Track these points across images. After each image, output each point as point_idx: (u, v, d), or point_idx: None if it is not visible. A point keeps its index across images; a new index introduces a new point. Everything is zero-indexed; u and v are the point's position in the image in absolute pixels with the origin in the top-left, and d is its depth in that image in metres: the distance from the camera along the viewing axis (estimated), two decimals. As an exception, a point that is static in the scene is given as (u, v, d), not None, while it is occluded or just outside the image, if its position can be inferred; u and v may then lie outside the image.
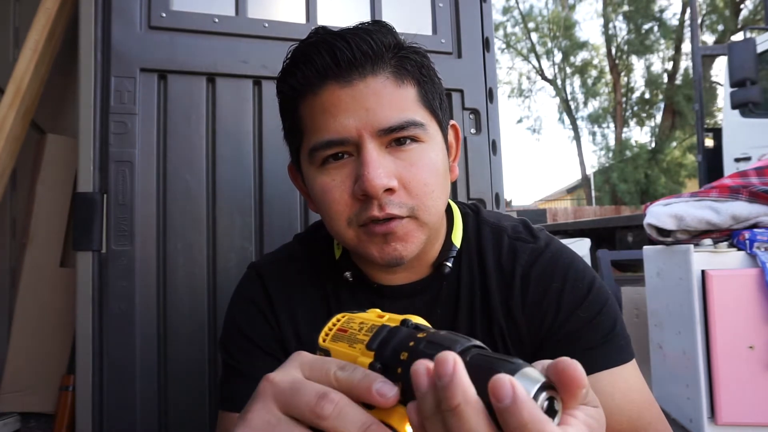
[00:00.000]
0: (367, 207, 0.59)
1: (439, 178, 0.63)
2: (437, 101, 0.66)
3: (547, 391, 0.29)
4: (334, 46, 0.59)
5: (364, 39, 0.59)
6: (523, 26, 19.48)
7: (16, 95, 1.18)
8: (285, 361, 0.39)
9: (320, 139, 0.60)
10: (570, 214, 13.45)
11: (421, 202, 0.60)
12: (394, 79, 0.61)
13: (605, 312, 0.65)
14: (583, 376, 0.31)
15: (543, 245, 0.70)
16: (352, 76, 0.59)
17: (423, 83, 0.64)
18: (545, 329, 0.66)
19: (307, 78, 0.61)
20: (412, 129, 0.60)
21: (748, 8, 14.07)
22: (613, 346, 0.64)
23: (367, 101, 0.59)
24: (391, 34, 0.63)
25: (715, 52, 6.23)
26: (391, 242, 0.61)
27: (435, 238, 0.69)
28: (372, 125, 0.58)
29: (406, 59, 0.62)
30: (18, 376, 1.28)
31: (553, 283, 0.66)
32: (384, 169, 0.58)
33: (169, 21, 1.09)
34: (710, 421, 1.66)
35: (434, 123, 0.64)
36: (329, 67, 0.59)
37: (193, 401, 1.05)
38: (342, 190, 0.60)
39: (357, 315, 0.42)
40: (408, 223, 0.60)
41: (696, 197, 1.88)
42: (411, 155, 0.61)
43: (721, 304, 1.64)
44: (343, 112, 0.59)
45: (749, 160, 3.97)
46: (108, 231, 1.02)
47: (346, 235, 0.62)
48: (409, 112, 0.60)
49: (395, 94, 0.60)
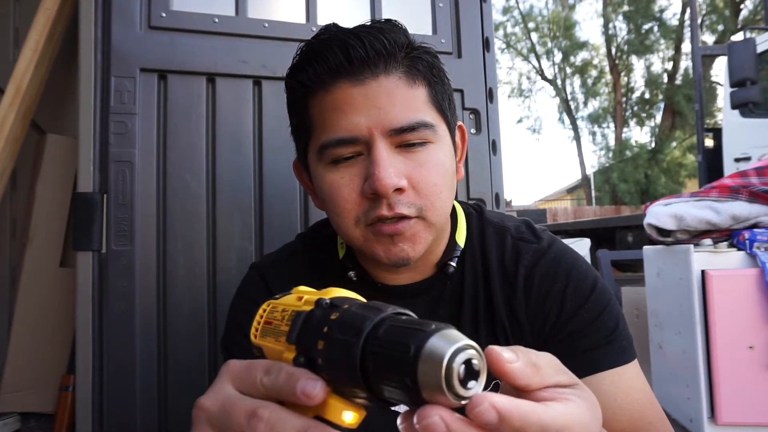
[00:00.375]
0: (376, 206, 0.59)
1: (448, 179, 0.63)
2: (446, 102, 0.66)
3: (465, 352, 0.27)
4: (348, 43, 0.58)
5: (377, 37, 0.59)
6: (523, 26, 19.49)
7: (16, 95, 1.18)
8: (217, 375, 0.38)
9: (331, 137, 0.60)
10: (570, 214, 13.45)
11: (429, 202, 0.61)
12: (407, 78, 0.61)
13: (608, 312, 0.65)
14: (500, 357, 0.31)
15: (546, 245, 0.70)
16: (365, 75, 0.59)
17: (434, 84, 0.64)
18: (548, 329, 0.66)
19: (318, 75, 0.60)
20: (422, 130, 0.60)
21: (748, 8, 14.08)
22: (616, 346, 0.64)
23: (379, 100, 0.59)
24: (403, 33, 0.63)
25: (715, 52, 6.23)
26: (399, 243, 0.61)
27: (440, 238, 0.69)
28: (383, 125, 0.58)
29: (418, 59, 0.62)
30: (18, 376, 1.28)
31: (556, 283, 0.67)
32: (394, 168, 0.58)
33: (169, 21, 1.09)
34: (710, 421, 1.66)
35: (443, 124, 0.64)
36: (342, 64, 0.59)
37: (193, 401, 1.05)
38: (351, 189, 0.60)
39: (280, 301, 0.40)
40: (416, 223, 0.61)
41: (696, 197, 1.88)
42: (420, 156, 0.61)
43: (721, 304, 1.64)
44: (355, 111, 0.59)
45: (749, 160, 3.96)
46: (108, 231, 1.02)
47: (352, 234, 0.62)
48: (420, 113, 0.60)
49: (407, 94, 0.60)
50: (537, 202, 22.49)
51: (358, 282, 0.71)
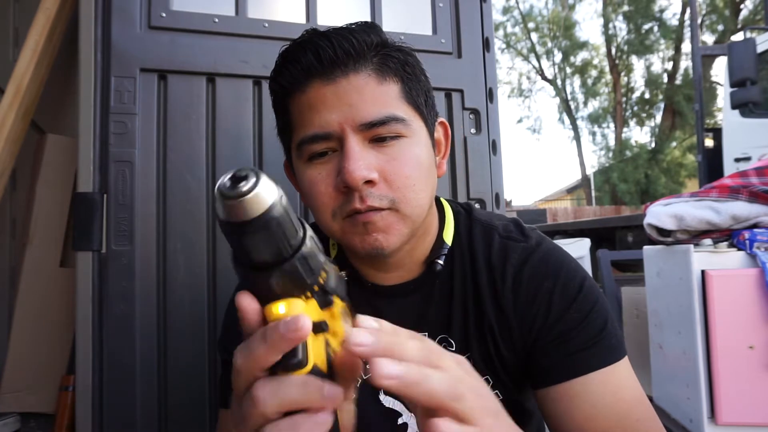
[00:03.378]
0: (349, 199, 0.61)
1: (422, 173, 0.64)
2: (422, 98, 0.67)
3: (236, 174, 0.34)
4: (318, 45, 0.61)
5: (346, 38, 0.62)
6: (523, 26, 19.49)
7: (16, 95, 1.17)
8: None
9: (306, 134, 0.63)
10: (570, 214, 13.44)
11: (402, 194, 0.62)
12: (377, 76, 0.62)
13: (595, 311, 0.66)
14: (357, 364, 0.38)
15: (534, 244, 0.70)
16: (335, 74, 0.61)
17: (407, 80, 0.65)
18: (536, 329, 0.66)
19: (294, 76, 0.63)
20: (393, 124, 0.62)
21: (748, 8, 14.08)
22: (604, 346, 0.64)
23: (349, 97, 0.61)
24: (375, 33, 0.64)
25: (715, 52, 6.24)
26: (372, 233, 0.62)
27: (424, 234, 0.70)
28: (354, 120, 0.60)
29: (389, 57, 0.64)
30: (18, 376, 1.28)
31: (544, 282, 0.67)
32: (364, 161, 0.60)
33: (169, 21, 1.09)
34: (710, 421, 1.66)
35: (418, 119, 0.66)
36: (313, 65, 0.62)
37: (193, 401, 1.05)
38: (327, 184, 0.62)
39: None
40: (388, 215, 0.62)
41: (696, 197, 1.88)
42: (393, 150, 0.62)
43: (721, 304, 1.64)
44: (327, 108, 0.61)
45: (749, 160, 3.97)
46: (108, 231, 1.02)
47: (332, 227, 0.65)
48: (391, 108, 0.62)
49: (377, 91, 0.62)
50: (537, 202, 22.49)
51: (349, 282, 0.72)
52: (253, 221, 0.32)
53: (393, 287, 0.71)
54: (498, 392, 0.70)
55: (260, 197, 0.32)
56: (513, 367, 0.69)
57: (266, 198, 0.33)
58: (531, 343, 0.66)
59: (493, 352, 0.68)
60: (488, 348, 0.68)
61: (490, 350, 0.68)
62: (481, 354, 0.69)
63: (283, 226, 0.34)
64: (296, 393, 0.35)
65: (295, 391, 0.35)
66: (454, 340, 0.69)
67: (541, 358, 0.65)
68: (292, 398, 0.35)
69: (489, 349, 0.68)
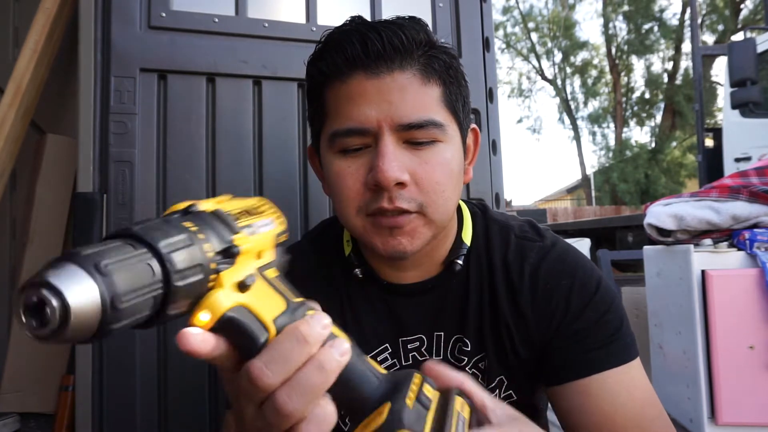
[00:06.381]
0: (377, 198, 0.60)
1: (452, 179, 0.63)
2: (460, 103, 0.66)
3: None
4: (366, 36, 0.60)
5: (396, 33, 0.60)
6: (523, 26, 19.49)
7: (16, 95, 1.18)
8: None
9: (341, 126, 0.61)
10: (570, 214, 13.44)
11: (431, 199, 0.61)
12: (421, 76, 0.61)
13: (612, 310, 0.66)
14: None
15: (550, 244, 0.71)
16: (380, 68, 0.60)
17: (449, 84, 0.64)
18: (554, 328, 0.66)
19: (336, 64, 0.62)
20: (431, 128, 0.61)
21: (748, 8, 14.08)
22: (620, 345, 0.65)
23: (391, 95, 0.59)
24: (424, 31, 0.64)
25: (715, 52, 6.24)
26: (397, 236, 0.61)
27: (445, 236, 0.70)
28: (393, 119, 0.59)
29: (435, 58, 0.63)
30: (18, 376, 1.28)
31: (562, 280, 0.67)
32: (398, 162, 0.59)
33: (169, 21, 1.09)
34: (710, 421, 1.66)
35: (454, 124, 0.65)
36: (359, 56, 0.60)
37: (193, 401, 1.05)
38: (356, 179, 0.61)
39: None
40: (416, 218, 0.61)
41: (696, 197, 1.88)
42: (427, 153, 0.61)
43: (721, 304, 1.64)
44: (367, 103, 0.60)
45: (749, 160, 3.97)
46: (108, 231, 1.01)
47: (354, 223, 0.63)
48: (431, 112, 0.61)
49: (420, 92, 0.61)
50: (537, 202, 22.48)
51: (364, 280, 0.72)
52: (98, 332, 0.25)
53: (409, 286, 0.71)
54: (512, 392, 0.70)
55: (81, 315, 0.24)
56: (527, 365, 0.69)
57: (88, 307, 0.24)
58: (548, 340, 0.67)
59: (509, 351, 0.68)
60: (504, 347, 0.68)
61: (506, 349, 0.68)
62: (497, 353, 0.69)
63: (134, 303, 0.27)
64: (316, 378, 0.36)
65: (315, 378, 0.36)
66: (470, 340, 0.69)
67: (559, 354, 0.66)
68: (309, 383, 0.35)
69: (505, 348, 0.68)
